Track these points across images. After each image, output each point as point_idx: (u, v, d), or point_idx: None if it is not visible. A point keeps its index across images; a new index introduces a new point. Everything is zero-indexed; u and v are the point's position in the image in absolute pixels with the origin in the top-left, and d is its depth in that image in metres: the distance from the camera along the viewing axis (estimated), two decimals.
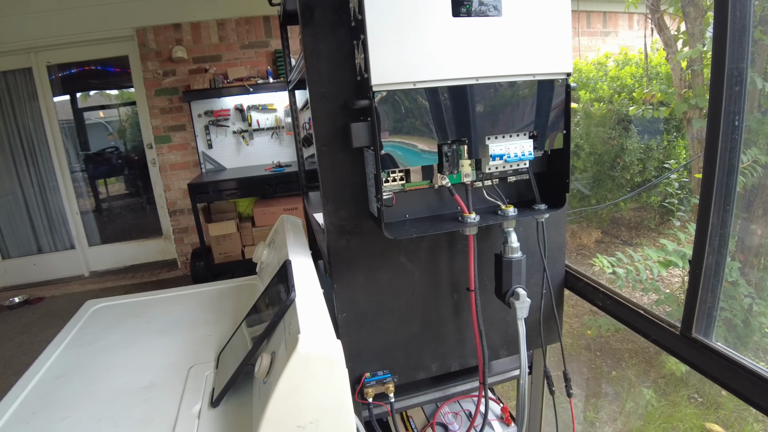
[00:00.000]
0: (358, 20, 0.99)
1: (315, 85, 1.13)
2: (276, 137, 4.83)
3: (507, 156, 1.10)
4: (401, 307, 1.34)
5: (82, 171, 5.19)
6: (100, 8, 4.38)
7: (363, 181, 1.20)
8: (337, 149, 1.17)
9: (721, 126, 1.06)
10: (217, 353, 1.14)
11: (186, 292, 1.56)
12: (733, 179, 1.09)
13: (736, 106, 1.05)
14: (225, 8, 4.55)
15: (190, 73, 4.59)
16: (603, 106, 3.85)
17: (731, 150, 1.07)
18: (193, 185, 4.22)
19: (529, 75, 1.09)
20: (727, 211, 1.10)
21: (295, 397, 0.72)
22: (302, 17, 1.09)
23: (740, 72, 1.04)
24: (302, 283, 0.93)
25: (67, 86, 4.96)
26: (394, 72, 0.98)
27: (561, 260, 1.47)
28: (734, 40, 1.02)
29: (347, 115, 1.14)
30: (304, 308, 0.81)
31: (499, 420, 1.76)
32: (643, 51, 3.88)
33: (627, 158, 3.66)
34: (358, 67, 1.07)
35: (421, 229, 1.12)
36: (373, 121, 1.00)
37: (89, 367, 1.18)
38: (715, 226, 1.11)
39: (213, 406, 0.95)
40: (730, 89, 1.04)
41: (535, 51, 1.08)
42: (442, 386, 1.51)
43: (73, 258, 5.13)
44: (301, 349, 0.70)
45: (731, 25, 1.01)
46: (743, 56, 1.03)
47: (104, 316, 1.48)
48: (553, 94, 1.13)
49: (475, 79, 1.04)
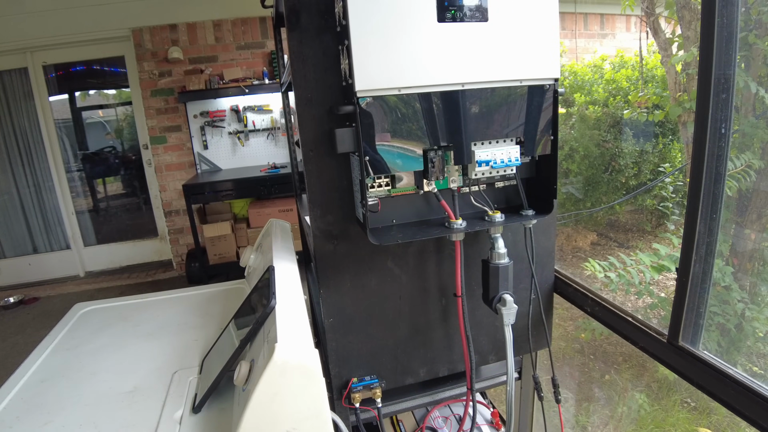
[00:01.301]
0: (343, 25, 0.98)
1: (301, 90, 1.12)
2: (272, 138, 4.82)
3: (493, 162, 1.10)
4: (389, 312, 1.33)
5: (80, 171, 5.18)
6: (96, 8, 4.37)
7: (350, 185, 1.20)
8: (324, 154, 1.16)
9: (708, 133, 1.05)
10: (202, 358, 1.13)
11: (175, 295, 1.55)
12: (720, 187, 1.08)
13: (723, 113, 1.05)
14: (221, 9, 4.54)
15: (185, 73, 4.58)
16: (598, 109, 3.85)
17: (718, 157, 1.07)
18: (188, 186, 4.21)
19: (516, 81, 1.09)
20: (713, 219, 1.09)
21: (272, 405, 0.71)
22: (288, 22, 1.09)
23: (727, 79, 1.04)
24: (284, 290, 0.93)
25: (65, 85, 4.95)
26: (378, 78, 0.97)
27: (550, 265, 1.47)
28: (721, 48, 1.02)
29: (334, 119, 1.13)
30: (284, 316, 0.81)
31: (489, 424, 1.76)
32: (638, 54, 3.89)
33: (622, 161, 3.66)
34: (343, 72, 1.06)
35: (408, 235, 1.12)
36: (357, 127, 0.99)
37: (75, 370, 1.18)
38: (702, 234, 1.10)
39: (194, 412, 0.94)
40: (717, 96, 1.04)
41: (522, 56, 1.08)
42: (430, 391, 1.51)
43: (68, 258, 5.13)
44: (277, 358, 0.69)
45: (718, 32, 1.01)
46: (730, 63, 1.03)
47: (92, 319, 1.48)
48: (540, 99, 1.12)
49: (461, 85, 1.04)
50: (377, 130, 1.01)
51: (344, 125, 1.06)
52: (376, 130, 1.01)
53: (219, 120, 4.71)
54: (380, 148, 1.02)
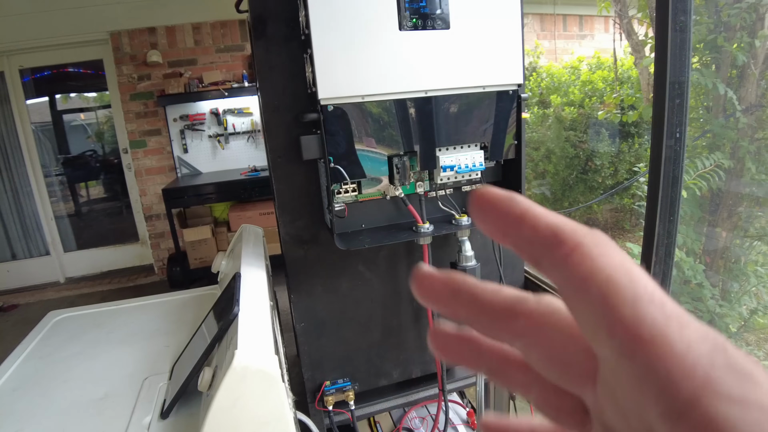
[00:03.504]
0: (306, 34, 1.00)
1: (268, 97, 1.13)
2: (252, 141, 4.81)
3: (458, 167, 1.12)
4: (361, 316, 1.35)
5: (60, 175, 5.11)
6: (73, 12, 4.32)
7: (320, 191, 1.21)
8: (292, 160, 1.18)
9: (664, 138, 1.09)
10: (172, 364, 1.14)
11: (149, 301, 1.55)
12: (677, 189, 1.12)
13: (677, 118, 1.08)
14: (200, 12, 4.52)
15: (165, 77, 4.55)
16: (574, 110, 3.90)
17: (674, 161, 1.10)
18: (168, 190, 4.18)
19: (478, 87, 1.11)
20: (671, 222, 1.13)
21: (234, 410, 0.73)
22: (255, 30, 1.10)
23: (681, 85, 1.07)
24: (249, 296, 0.94)
25: (45, 88, 4.88)
26: (341, 86, 0.99)
27: (520, 267, 1.50)
28: (674, 56, 1.05)
29: (301, 126, 1.15)
30: (246, 323, 0.82)
31: (465, 424, 1.78)
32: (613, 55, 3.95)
33: (598, 161, 3.72)
34: (308, 80, 1.08)
35: (375, 240, 1.14)
36: (322, 134, 1.01)
37: (47, 378, 1.18)
38: (661, 236, 1.13)
39: (163, 417, 0.95)
40: (672, 102, 1.07)
41: (484, 63, 1.10)
42: (404, 392, 1.53)
43: (48, 264, 5.06)
44: (236, 364, 0.70)
45: (671, 41, 1.04)
46: (684, 70, 1.07)
47: (66, 326, 1.47)
48: (503, 105, 1.14)
49: (425, 92, 1.06)
50: (342, 137, 1.03)
51: (311, 132, 1.08)
52: (341, 137, 1.03)
53: (199, 123, 4.68)
54: (345, 154, 1.04)
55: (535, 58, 5.12)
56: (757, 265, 2.47)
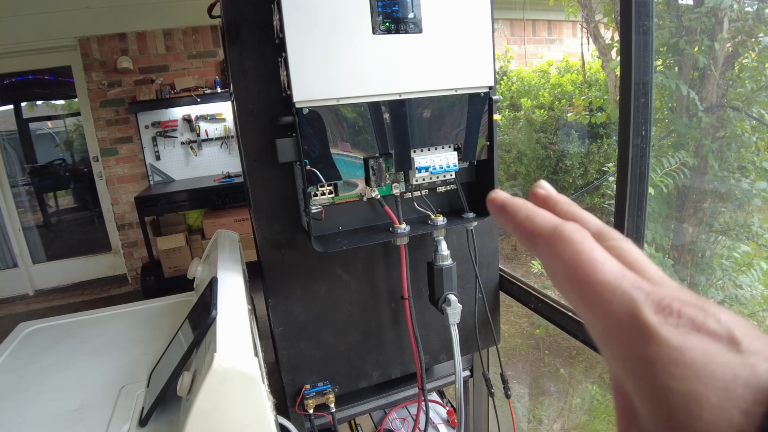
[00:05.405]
0: (280, 38, 1.00)
1: (243, 101, 1.14)
2: (225, 147, 4.77)
3: (432, 168, 1.14)
4: (340, 318, 1.35)
5: (27, 185, 4.98)
6: (40, 17, 4.23)
7: (296, 194, 1.22)
8: (268, 164, 1.18)
9: (631, 136, 1.12)
10: (150, 371, 1.13)
11: (123, 310, 1.53)
12: (644, 186, 1.16)
13: (643, 117, 1.12)
14: (172, 18, 4.47)
15: (136, 83, 4.49)
16: (544, 112, 3.98)
17: (641, 158, 1.14)
18: (141, 198, 4.12)
19: (451, 89, 1.13)
20: (639, 216, 1.16)
21: (214, 414, 0.72)
22: (228, 35, 1.10)
23: (645, 84, 1.11)
24: (227, 300, 0.94)
25: (9, 96, 4.76)
26: (316, 89, 1.00)
27: (495, 265, 1.52)
28: (639, 57, 1.09)
29: (277, 129, 1.15)
30: (225, 326, 0.82)
31: (446, 423, 1.80)
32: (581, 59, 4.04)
33: (569, 162, 3.80)
34: (282, 84, 1.08)
35: (353, 241, 1.15)
36: (297, 137, 1.02)
37: (20, 391, 1.15)
38: (630, 231, 1.17)
39: (141, 425, 0.94)
40: (638, 101, 1.11)
41: (456, 66, 1.12)
42: (385, 393, 1.54)
43: (16, 277, 4.92)
44: (216, 367, 0.70)
45: (635, 44, 1.08)
46: (648, 71, 1.10)
47: (38, 337, 1.44)
48: (476, 107, 1.17)
49: (398, 95, 1.07)
50: (318, 140, 1.04)
51: (286, 135, 1.08)
52: (317, 140, 1.03)
53: (171, 130, 4.63)
54: (321, 157, 1.05)
55: (505, 62, 5.20)
56: (722, 258, 2.55)
